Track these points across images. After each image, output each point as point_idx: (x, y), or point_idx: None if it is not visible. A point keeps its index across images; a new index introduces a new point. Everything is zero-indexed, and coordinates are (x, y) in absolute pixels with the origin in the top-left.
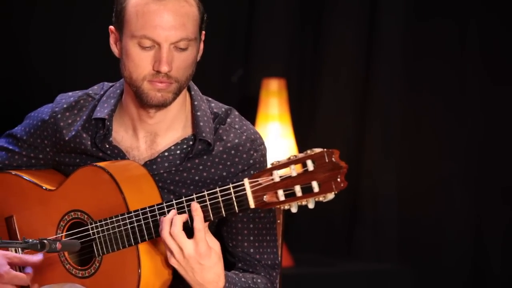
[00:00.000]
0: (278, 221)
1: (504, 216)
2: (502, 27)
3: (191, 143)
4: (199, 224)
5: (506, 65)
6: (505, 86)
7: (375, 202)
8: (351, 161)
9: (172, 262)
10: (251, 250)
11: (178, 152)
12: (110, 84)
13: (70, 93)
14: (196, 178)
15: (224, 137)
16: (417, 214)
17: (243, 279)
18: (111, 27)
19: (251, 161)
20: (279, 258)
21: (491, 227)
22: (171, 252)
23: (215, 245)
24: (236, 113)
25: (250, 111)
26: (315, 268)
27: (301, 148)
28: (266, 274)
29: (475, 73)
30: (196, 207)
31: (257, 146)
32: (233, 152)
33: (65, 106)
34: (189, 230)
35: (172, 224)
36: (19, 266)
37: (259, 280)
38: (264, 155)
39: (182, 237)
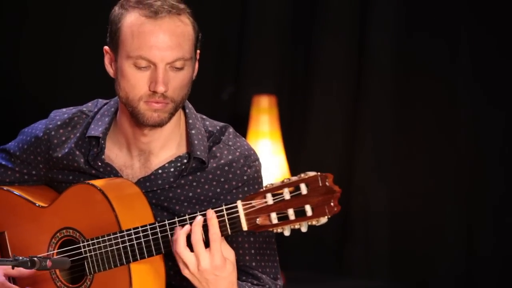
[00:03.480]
0: None
1: (496, 231)
2: (493, 40)
3: (185, 161)
4: (215, 235)
5: (497, 81)
6: (497, 101)
7: (366, 218)
8: (341, 178)
9: (186, 273)
10: (253, 264)
11: (172, 169)
12: (105, 101)
13: (64, 110)
14: (190, 194)
15: (218, 154)
16: (409, 230)
17: None
18: (106, 47)
19: (245, 177)
20: (280, 272)
21: (484, 242)
22: (185, 265)
23: (230, 254)
24: (231, 130)
25: (240, 128)
26: (306, 286)
27: (292, 165)
28: (271, 286)
29: (466, 88)
30: (211, 215)
31: (251, 162)
32: (226, 168)
33: (59, 123)
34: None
35: (188, 236)
36: (13, 278)
37: None
38: (258, 171)
39: (201, 249)
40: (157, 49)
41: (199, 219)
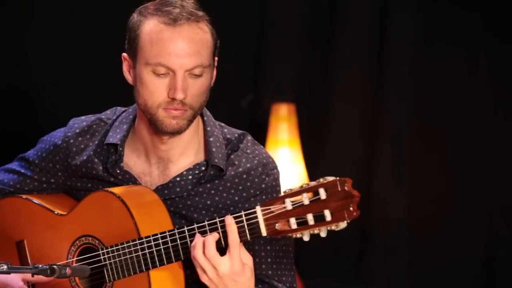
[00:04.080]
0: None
1: None
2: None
3: (203, 168)
4: (234, 241)
5: None
6: None
7: (386, 225)
8: (361, 185)
9: (204, 279)
10: (269, 272)
11: (190, 177)
12: (123, 109)
13: (82, 118)
14: (208, 202)
15: (236, 162)
16: (428, 237)
17: None
18: (124, 54)
19: (263, 186)
20: (296, 282)
21: (504, 248)
22: (204, 271)
23: (249, 260)
24: (250, 137)
25: (259, 136)
26: None
27: (311, 173)
28: None
29: (485, 97)
30: (230, 221)
31: (269, 170)
32: (245, 176)
33: (77, 130)
34: (222, 249)
35: (205, 246)
36: (31, 284)
37: None
38: (276, 179)
39: (217, 258)
40: (176, 56)
41: (207, 236)
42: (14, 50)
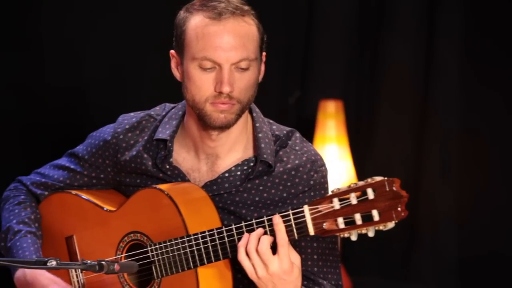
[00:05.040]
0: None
1: None
2: None
3: (252, 164)
4: (282, 240)
5: None
6: None
7: (434, 224)
8: (409, 183)
9: (254, 278)
10: (315, 269)
11: (238, 173)
12: (172, 105)
13: (132, 114)
14: (256, 198)
15: (285, 159)
16: (478, 237)
17: None
18: (172, 51)
19: (311, 182)
20: (342, 280)
21: None
22: (254, 268)
23: (297, 259)
24: (298, 134)
25: (307, 133)
26: None
27: (358, 170)
28: None
29: None
30: (277, 221)
31: (318, 167)
32: (293, 173)
33: (127, 126)
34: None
35: (260, 241)
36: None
37: None
38: (324, 177)
39: (269, 255)
40: (222, 50)
41: (259, 231)
42: (64, 47)
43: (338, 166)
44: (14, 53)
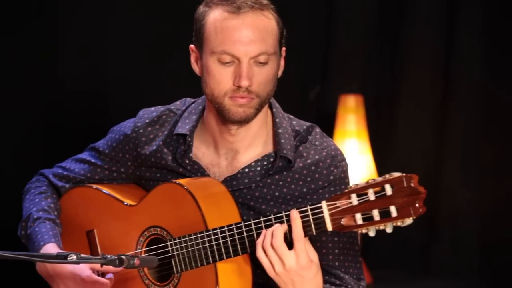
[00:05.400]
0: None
1: None
2: None
3: (271, 160)
4: (298, 235)
5: None
6: None
7: (454, 218)
8: (429, 177)
9: (272, 275)
10: (336, 264)
11: (258, 168)
12: (192, 100)
13: (152, 108)
14: (276, 194)
15: (305, 154)
16: (498, 231)
17: None
18: (191, 46)
19: (331, 177)
20: (363, 273)
21: None
22: (272, 264)
23: (315, 256)
24: (318, 129)
25: (327, 128)
26: (394, 285)
27: (378, 165)
28: (353, 286)
29: None
30: (295, 215)
31: (338, 162)
32: (313, 168)
33: (147, 121)
34: (287, 243)
35: (273, 236)
36: (101, 273)
37: None
38: (345, 171)
39: (284, 249)
40: (241, 44)
41: (278, 225)
42: (83, 45)
43: (358, 161)
44: (34, 51)
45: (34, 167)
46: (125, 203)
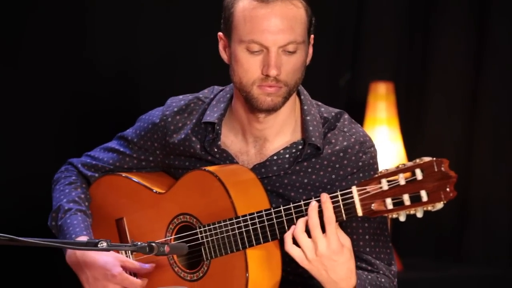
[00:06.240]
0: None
1: None
2: None
3: (300, 147)
4: (329, 218)
5: None
6: None
7: (485, 204)
8: (460, 164)
9: (305, 264)
10: (367, 249)
11: (287, 156)
12: (220, 88)
13: (180, 97)
14: (305, 181)
15: (333, 141)
16: None
17: (369, 277)
18: (220, 33)
19: (360, 164)
20: (394, 259)
21: None
22: (304, 252)
23: (346, 241)
24: (346, 116)
25: (358, 115)
26: (424, 273)
27: (409, 152)
28: (385, 272)
29: None
30: (325, 199)
31: (366, 148)
32: (341, 154)
33: (175, 109)
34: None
35: (309, 217)
36: (133, 273)
37: (382, 280)
38: (374, 157)
39: (318, 231)
40: (269, 33)
41: (314, 204)
42: (113, 32)
43: (389, 148)
44: (65, 39)
45: (65, 155)
46: (154, 190)
